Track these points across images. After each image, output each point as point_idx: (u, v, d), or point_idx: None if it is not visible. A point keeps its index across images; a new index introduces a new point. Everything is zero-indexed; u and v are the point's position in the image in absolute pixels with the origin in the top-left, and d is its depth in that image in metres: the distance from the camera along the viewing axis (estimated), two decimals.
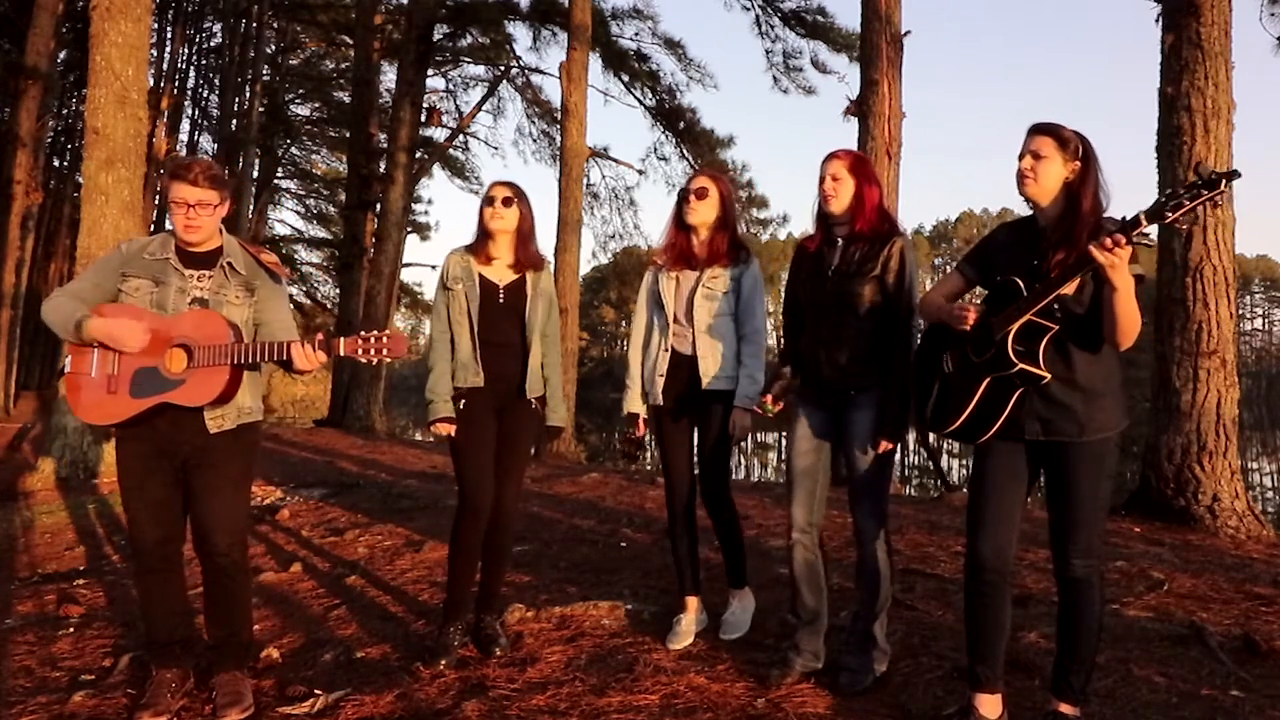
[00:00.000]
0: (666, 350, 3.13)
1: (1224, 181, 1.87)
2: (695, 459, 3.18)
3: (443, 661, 2.83)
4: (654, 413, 3.18)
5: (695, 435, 3.15)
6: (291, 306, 2.90)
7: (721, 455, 3.09)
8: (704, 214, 3.09)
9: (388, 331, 2.44)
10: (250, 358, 2.45)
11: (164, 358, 2.45)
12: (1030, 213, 2.41)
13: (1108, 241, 1.98)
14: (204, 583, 2.64)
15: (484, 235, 3.04)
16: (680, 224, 3.15)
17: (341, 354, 2.43)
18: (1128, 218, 2.00)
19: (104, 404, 2.47)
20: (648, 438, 3.26)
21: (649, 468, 9.97)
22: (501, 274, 3.06)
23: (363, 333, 2.44)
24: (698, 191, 3.09)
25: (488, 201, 3.02)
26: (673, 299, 3.14)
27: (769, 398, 2.81)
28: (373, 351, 2.42)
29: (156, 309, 2.51)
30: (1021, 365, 2.18)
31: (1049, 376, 2.19)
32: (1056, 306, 2.17)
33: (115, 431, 2.56)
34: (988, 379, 2.26)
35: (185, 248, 2.58)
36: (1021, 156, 2.29)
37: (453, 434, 2.97)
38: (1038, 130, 2.29)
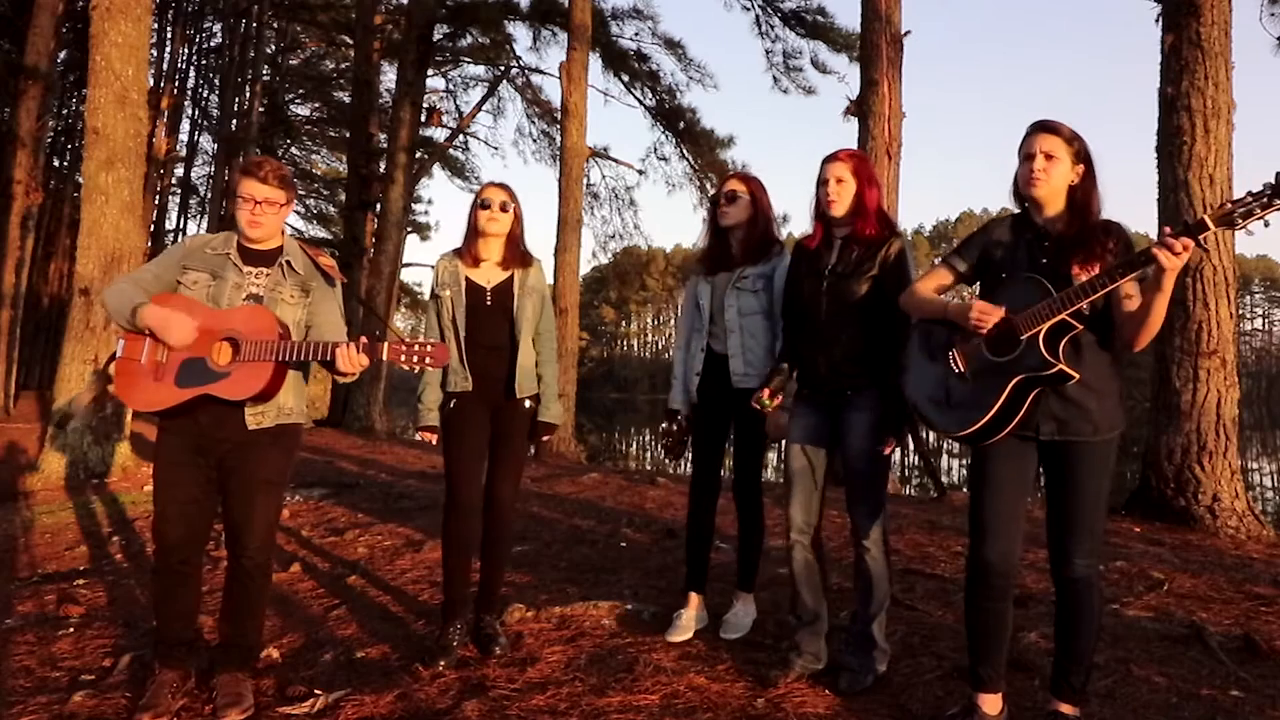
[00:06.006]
0: (703, 350, 3.18)
1: None
2: (729, 458, 3.21)
3: (443, 661, 2.83)
4: (694, 410, 3.23)
5: (731, 433, 3.17)
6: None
7: (753, 453, 3.14)
8: (737, 216, 3.11)
9: (432, 340, 2.46)
10: (295, 355, 2.46)
11: (211, 349, 2.47)
12: (1018, 211, 2.39)
13: (1176, 245, 1.92)
14: (226, 581, 2.65)
15: (474, 236, 3.03)
16: (715, 229, 3.18)
17: (384, 359, 2.44)
18: (1192, 220, 1.94)
19: (149, 391, 2.49)
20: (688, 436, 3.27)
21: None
22: (489, 275, 3.05)
23: (407, 339, 2.45)
24: (728, 195, 3.12)
25: (483, 205, 2.99)
26: (709, 300, 3.19)
27: (766, 392, 2.81)
28: (415, 359, 2.43)
29: (211, 303, 2.54)
30: (1060, 365, 2.13)
31: (1078, 376, 2.15)
32: (1085, 307, 2.15)
33: (157, 421, 2.58)
34: (1017, 379, 2.19)
35: (247, 245, 2.63)
36: (1031, 156, 2.24)
37: (434, 442, 3.04)
38: (1044, 129, 2.24)
